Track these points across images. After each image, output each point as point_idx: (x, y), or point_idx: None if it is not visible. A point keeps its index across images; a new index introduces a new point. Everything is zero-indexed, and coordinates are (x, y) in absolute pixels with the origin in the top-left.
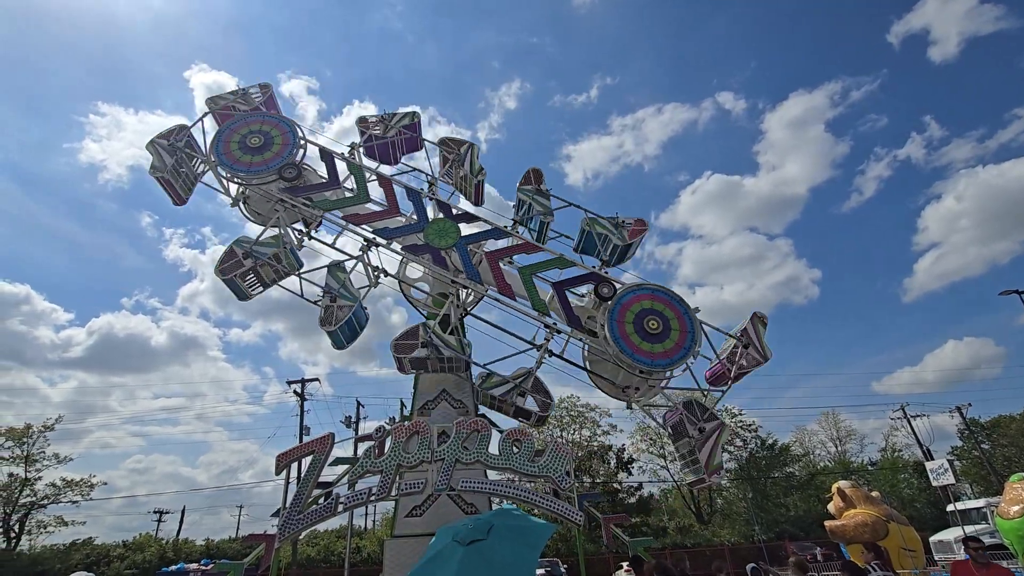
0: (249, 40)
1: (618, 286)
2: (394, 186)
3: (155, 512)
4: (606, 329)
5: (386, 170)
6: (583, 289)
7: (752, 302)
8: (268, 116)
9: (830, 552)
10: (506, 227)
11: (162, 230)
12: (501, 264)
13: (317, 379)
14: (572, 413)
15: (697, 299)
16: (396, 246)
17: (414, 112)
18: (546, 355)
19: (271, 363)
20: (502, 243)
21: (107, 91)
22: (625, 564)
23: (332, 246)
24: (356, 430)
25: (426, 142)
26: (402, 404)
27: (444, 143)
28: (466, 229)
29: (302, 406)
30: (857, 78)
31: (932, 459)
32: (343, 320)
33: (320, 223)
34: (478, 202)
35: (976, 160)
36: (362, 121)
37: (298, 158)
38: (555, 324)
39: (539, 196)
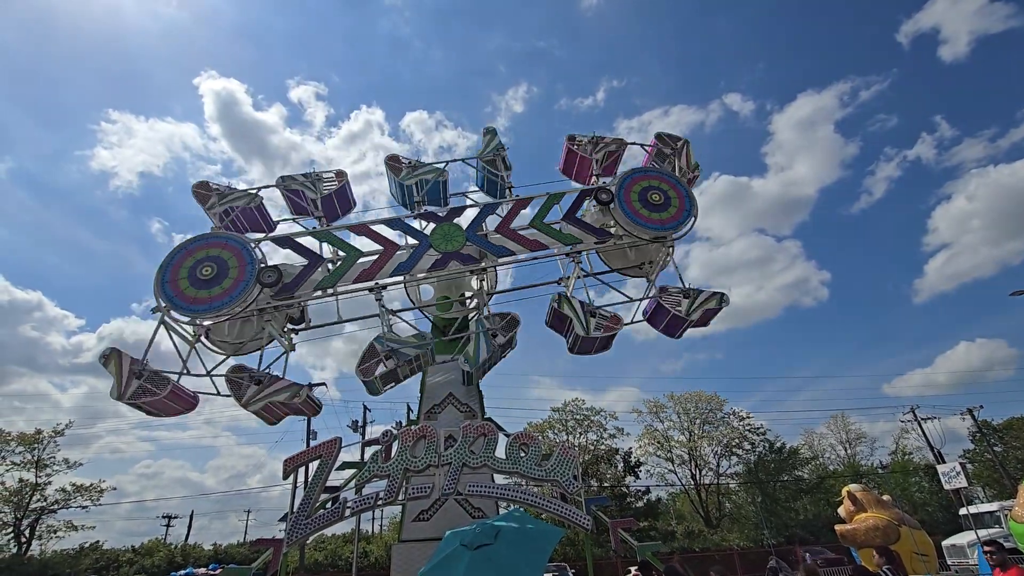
0: (258, 47)
1: (612, 186)
2: (372, 227)
3: (164, 517)
4: (618, 208)
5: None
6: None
7: (761, 304)
8: (213, 238)
9: (841, 556)
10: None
11: (171, 236)
12: (514, 230)
13: (324, 383)
14: (578, 416)
15: None
16: (420, 275)
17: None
18: (579, 276)
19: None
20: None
21: (118, 99)
22: (634, 569)
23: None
24: (363, 435)
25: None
26: (408, 408)
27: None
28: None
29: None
30: (867, 78)
31: (944, 462)
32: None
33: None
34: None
35: (988, 160)
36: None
37: (250, 290)
38: (572, 249)
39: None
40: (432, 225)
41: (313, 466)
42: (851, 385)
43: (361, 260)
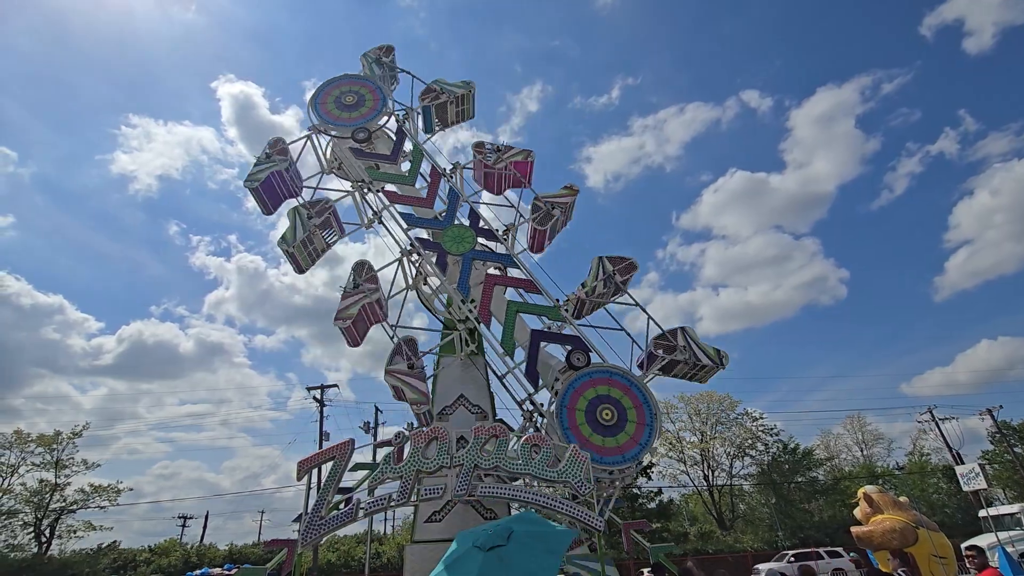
0: (274, 49)
1: (588, 360)
2: (441, 183)
3: (179, 517)
4: (555, 416)
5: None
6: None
7: (777, 303)
8: (361, 79)
9: (857, 559)
10: (518, 256)
11: (189, 237)
12: (495, 288)
13: (336, 385)
14: None
15: (720, 301)
16: (396, 227)
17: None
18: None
19: (295, 369)
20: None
21: (138, 103)
22: (646, 570)
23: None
24: (375, 436)
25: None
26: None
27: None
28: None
29: (321, 412)
30: (889, 71)
31: (962, 463)
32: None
33: (367, 191)
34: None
35: (1013, 154)
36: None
37: (382, 122)
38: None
39: (378, 65)
40: (466, 224)
41: (327, 467)
42: (868, 385)
43: (409, 187)
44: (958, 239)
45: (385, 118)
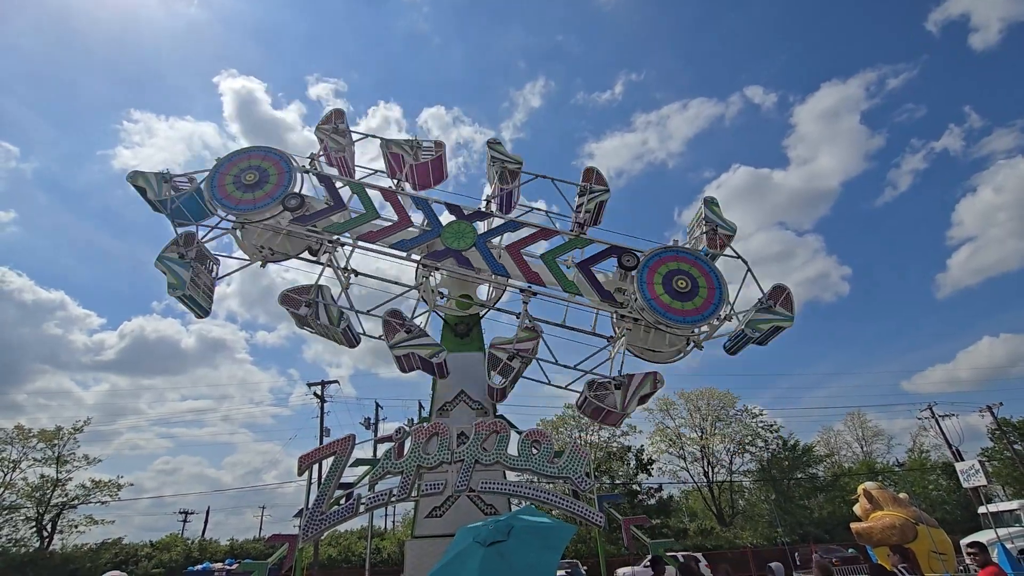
0: (276, 45)
1: (639, 255)
2: (400, 197)
3: (181, 512)
4: (637, 293)
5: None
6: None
7: None
8: (260, 150)
9: (857, 555)
10: (519, 218)
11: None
12: (523, 254)
13: (337, 381)
14: None
15: None
16: (416, 256)
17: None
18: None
19: (296, 365)
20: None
21: (139, 99)
22: (620, 571)
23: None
24: (375, 432)
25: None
26: (420, 406)
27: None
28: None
29: (322, 408)
30: (895, 66)
31: (962, 460)
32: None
33: (324, 247)
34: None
35: (1018, 150)
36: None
37: (296, 188)
38: (569, 297)
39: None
40: (453, 219)
41: (327, 463)
42: (869, 382)
43: (375, 221)
44: (961, 236)
45: (299, 182)
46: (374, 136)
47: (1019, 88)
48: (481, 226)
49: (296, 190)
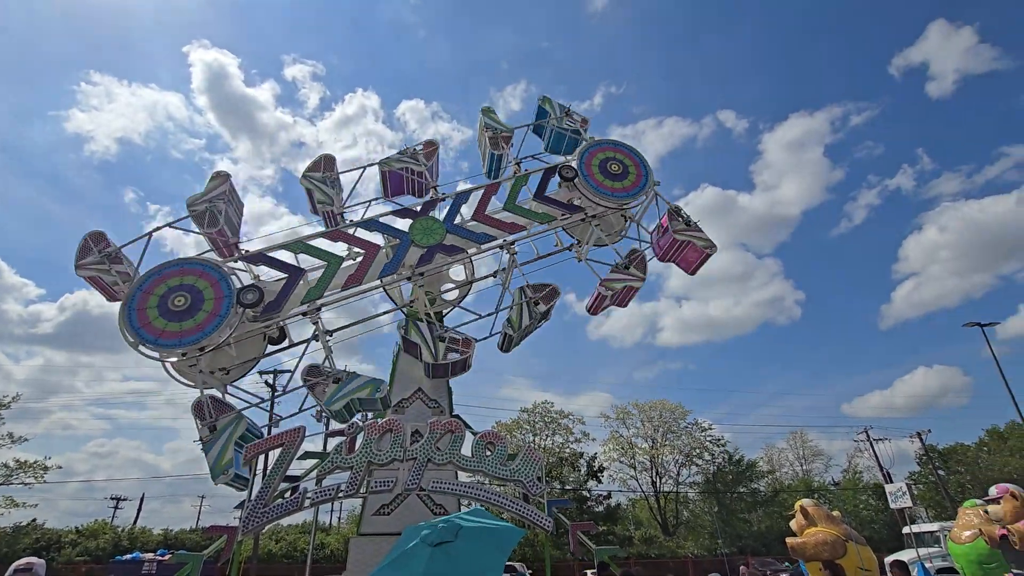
0: (254, 20)
1: (573, 162)
2: (347, 231)
3: (112, 498)
4: (582, 180)
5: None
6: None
7: (737, 319)
8: (189, 264)
9: (791, 569)
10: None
11: (146, 206)
12: (490, 215)
13: (291, 371)
14: (547, 419)
15: (683, 312)
16: (405, 272)
17: (431, 142)
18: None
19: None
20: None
21: (100, 60)
22: (590, 572)
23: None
24: (327, 425)
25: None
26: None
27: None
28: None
29: (272, 398)
30: (859, 103)
31: (892, 482)
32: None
33: (311, 317)
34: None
35: (962, 194)
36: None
37: (243, 286)
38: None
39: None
40: (409, 221)
41: (274, 454)
42: (813, 403)
43: (345, 265)
44: (906, 271)
45: (238, 288)
46: (370, 165)
47: (967, 137)
48: (439, 215)
49: (244, 286)
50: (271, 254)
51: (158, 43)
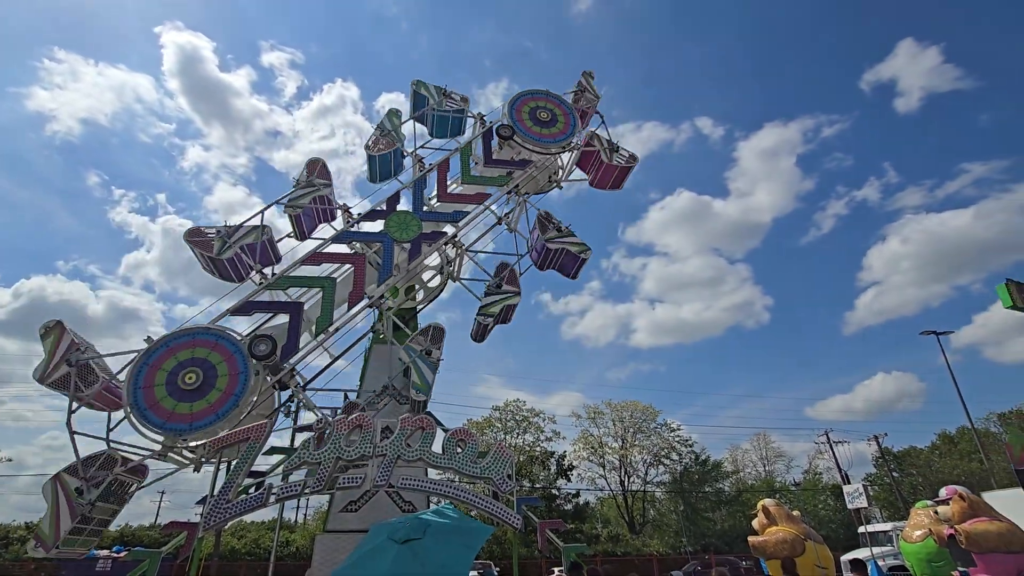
0: (231, 3)
1: (506, 119)
2: (325, 252)
3: None
4: (519, 133)
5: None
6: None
7: (707, 322)
8: (201, 335)
9: (751, 567)
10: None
11: (111, 190)
12: (453, 194)
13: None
14: (518, 417)
15: (656, 315)
16: (398, 274)
17: (586, 247)
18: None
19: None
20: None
21: (66, 37)
22: (557, 569)
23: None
24: (295, 419)
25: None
26: (346, 396)
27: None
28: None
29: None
30: (830, 116)
31: (850, 483)
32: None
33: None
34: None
35: (924, 207)
36: (545, 219)
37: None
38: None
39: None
40: (380, 222)
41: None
42: (777, 406)
43: (339, 286)
44: (869, 279)
45: (248, 340)
46: (267, 207)
47: (931, 152)
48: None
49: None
50: (257, 298)
51: (128, 22)
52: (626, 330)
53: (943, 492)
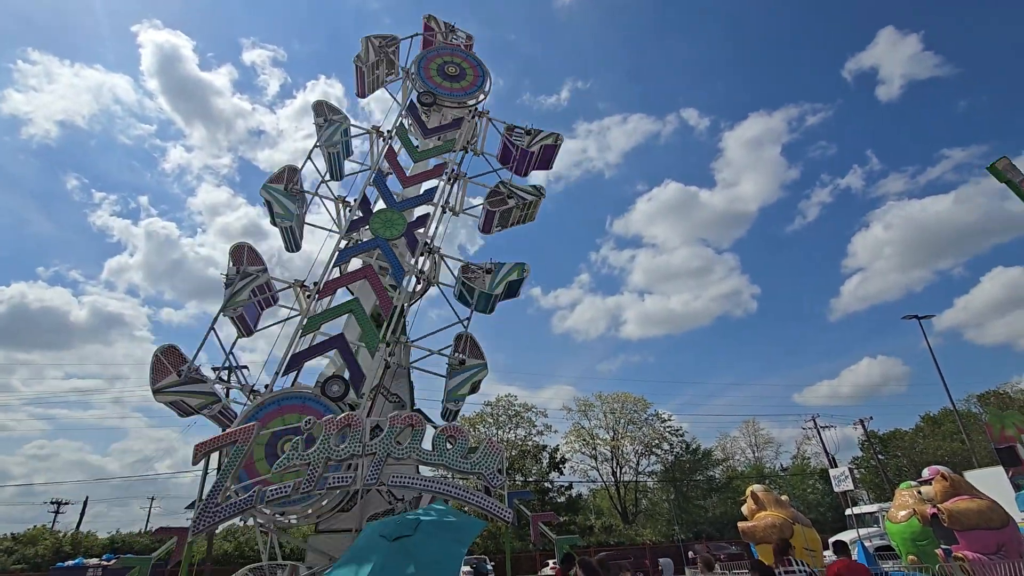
0: (210, 1)
1: (420, 84)
2: (337, 280)
3: (53, 503)
4: (430, 92)
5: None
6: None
7: (696, 312)
8: (308, 401)
9: (742, 552)
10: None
11: (91, 193)
12: (411, 176)
13: (246, 367)
14: (510, 412)
15: (645, 306)
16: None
17: (558, 134)
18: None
19: (206, 347)
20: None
21: (40, 38)
22: (552, 561)
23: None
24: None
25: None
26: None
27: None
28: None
29: (227, 394)
30: (814, 104)
31: (837, 467)
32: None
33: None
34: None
35: (906, 194)
36: (509, 130)
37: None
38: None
39: (286, 198)
40: (364, 228)
41: (228, 452)
42: (766, 393)
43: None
44: (854, 266)
45: (321, 384)
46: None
47: (912, 139)
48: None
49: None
50: (297, 350)
51: (104, 22)
52: (616, 322)
53: (926, 472)
